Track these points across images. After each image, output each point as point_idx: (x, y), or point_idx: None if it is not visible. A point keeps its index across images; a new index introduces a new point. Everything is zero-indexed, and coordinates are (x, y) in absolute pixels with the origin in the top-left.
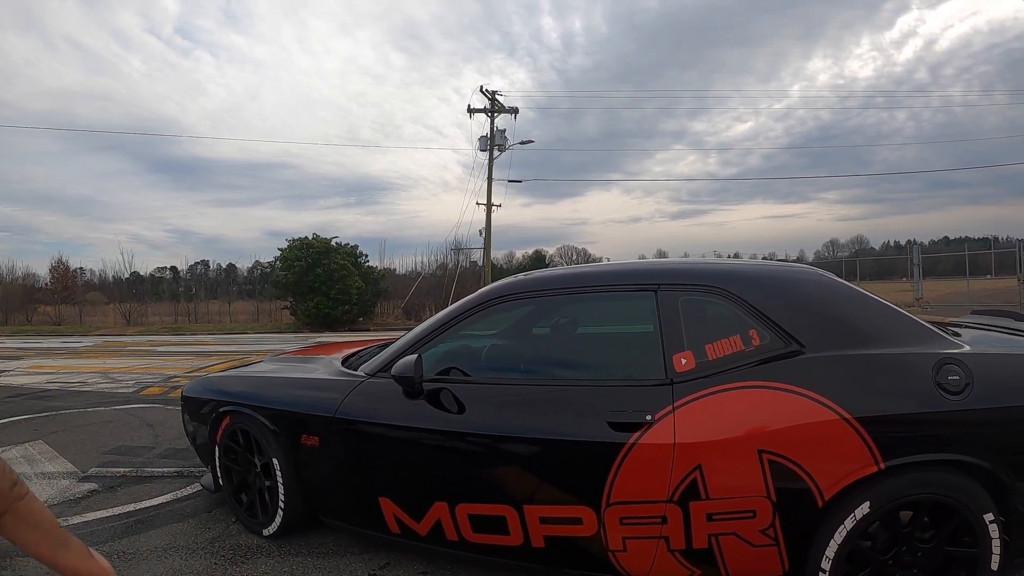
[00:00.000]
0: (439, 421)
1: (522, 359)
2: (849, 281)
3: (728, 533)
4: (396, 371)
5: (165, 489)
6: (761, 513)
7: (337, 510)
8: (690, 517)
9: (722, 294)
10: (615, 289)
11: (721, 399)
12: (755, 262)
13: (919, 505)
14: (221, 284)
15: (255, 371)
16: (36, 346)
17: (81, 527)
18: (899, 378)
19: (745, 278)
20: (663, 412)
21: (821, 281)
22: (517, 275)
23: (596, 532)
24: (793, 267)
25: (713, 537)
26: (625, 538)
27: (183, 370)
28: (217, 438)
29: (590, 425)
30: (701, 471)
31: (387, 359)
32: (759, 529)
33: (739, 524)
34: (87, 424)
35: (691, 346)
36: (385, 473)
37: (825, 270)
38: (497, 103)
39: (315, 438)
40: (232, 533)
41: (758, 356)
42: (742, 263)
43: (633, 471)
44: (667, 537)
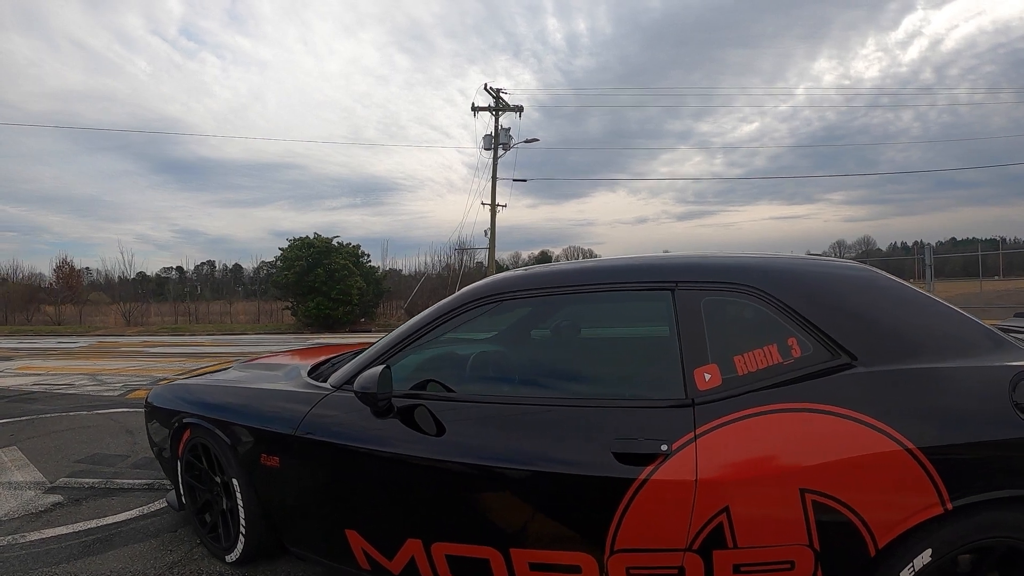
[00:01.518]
0: (413, 444)
1: (514, 371)
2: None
3: None
4: (359, 385)
5: (132, 503)
6: (801, 565)
7: (302, 539)
8: (713, 569)
9: (755, 294)
10: (625, 288)
11: (753, 424)
12: (793, 257)
13: (987, 551)
14: (227, 284)
15: (219, 379)
16: (30, 346)
17: (37, 544)
18: (971, 398)
19: (783, 275)
20: (682, 441)
21: (874, 280)
22: (510, 271)
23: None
24: (839, 263)
25: None
26: None
27: (174, 372)
28: (179, 452)
29: (593, 455)
30: (728, 514)
31: (353, 370)
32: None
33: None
34: (65, 429)
35: (716, 358)
36: (352, 502)
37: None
38: (501, 101)
39: (275, 457)
40: (195, 557)
41: (799, 371)
42: (777, 257)
43: (644, 513)
44: None
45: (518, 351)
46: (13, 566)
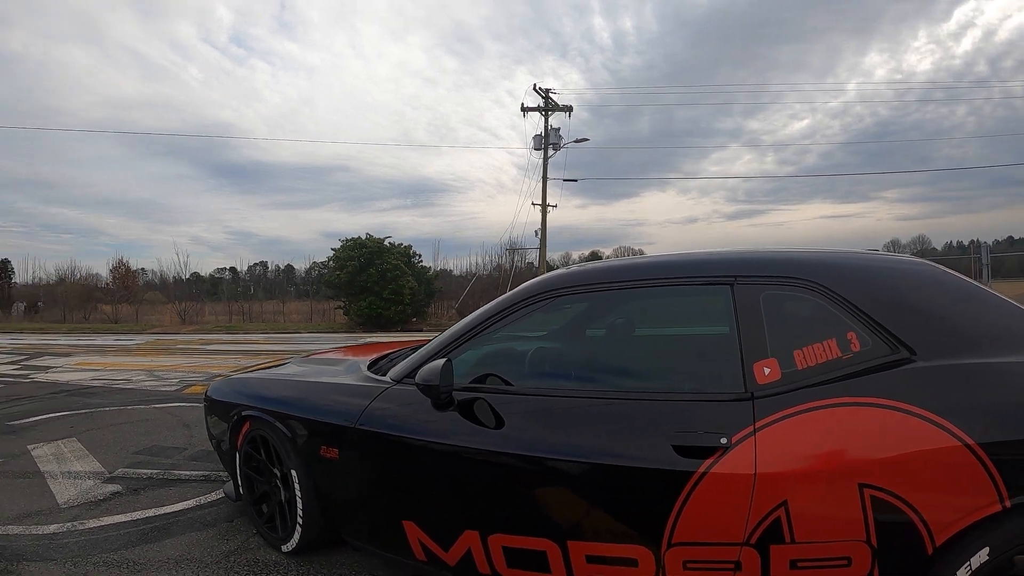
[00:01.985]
0: (472, 437)
1: (572, 365)
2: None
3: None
4: (420, 378)
5: (189, 494)
6: (858, 561)
7: (359, 530)
8: (770, 564)
9: (814, 288)
10: (683, 283)
11: (813, 418)
12: (851, 251)
13: None
14: (279, 284)
15: (277, 373)
16: (89, 343)
17: (97, 532)
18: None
19: (842, 269)
20: (742, 434)
21: (934, 274)
22: (567, 267)
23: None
24: (898, 258)
25: None
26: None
27: (229, 369)
28: (238, 444)
29: (652, 448)
30: (787, 508)
31: (414, 363)
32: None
33: (830, 573)
34: (124, 423)
35: (776, 352)
36: (410, 493)
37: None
38: (551, 101)
39: (335, 449)
40: (251, 547)
41: (858, 365)
42: (836, 252)
43: (703, 506)
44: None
45: (575, 346)
46: (73, 551)
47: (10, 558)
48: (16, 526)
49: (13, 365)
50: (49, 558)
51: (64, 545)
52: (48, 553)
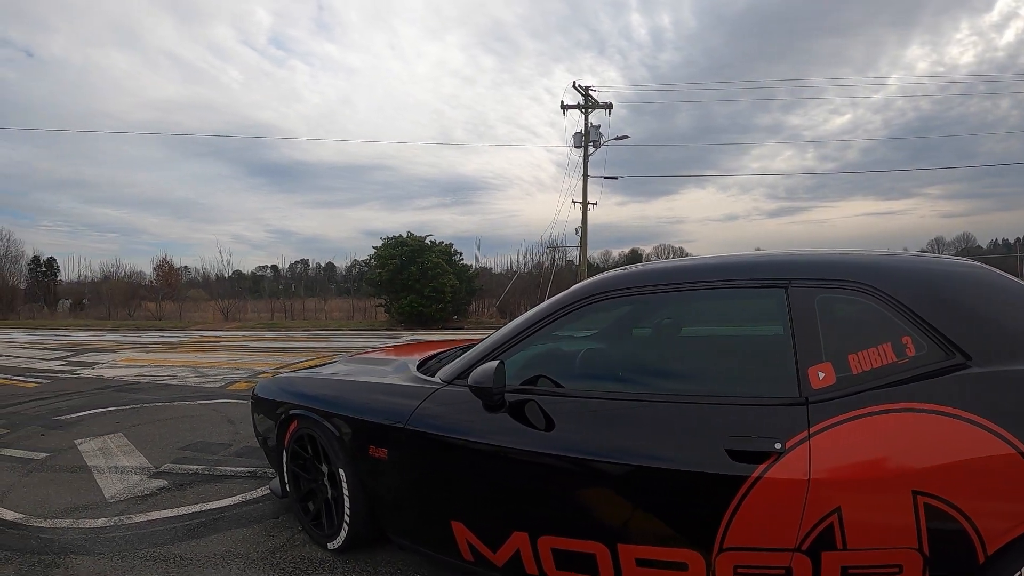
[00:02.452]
0: (523, 439)
1: (623, 367)
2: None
3: None
4: (473, 380)
5: (235, 490)
6: (909, 568)
7: (406, 529)
8: (821, 570)
9: (869, 292)
10: (735, 284)
11: (867, 424)
12: (906, 254)
13: None
14: (320, 282)
15: (325, 372)
16: (133, 340)
17: (143, 526)
18: None
19: (897, 273)
20: (796, 439)
21: (989, 278)
22: (618, 269)
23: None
24: (953, 260)
25: None
26: None
27: (272, 366)
28: (285, 442)
29: (705, 452)
30: (840, 514)
31: (466, 364)
32: None
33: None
34: (169, 418)
35: (830, 356)
36: (459, 494)
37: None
38: (591, 98)
39: (383, 449)
40: (296, 543)
41: (913, 370)
42: (890, 254)
43: (755, 511)
44: None
45: (625, 348)
46: (120, 546)
47: (58, 551)
48: (64, 519)
49: (60, 361)
50: (96, 552)
51: (111, 539)
52: (95, 547)
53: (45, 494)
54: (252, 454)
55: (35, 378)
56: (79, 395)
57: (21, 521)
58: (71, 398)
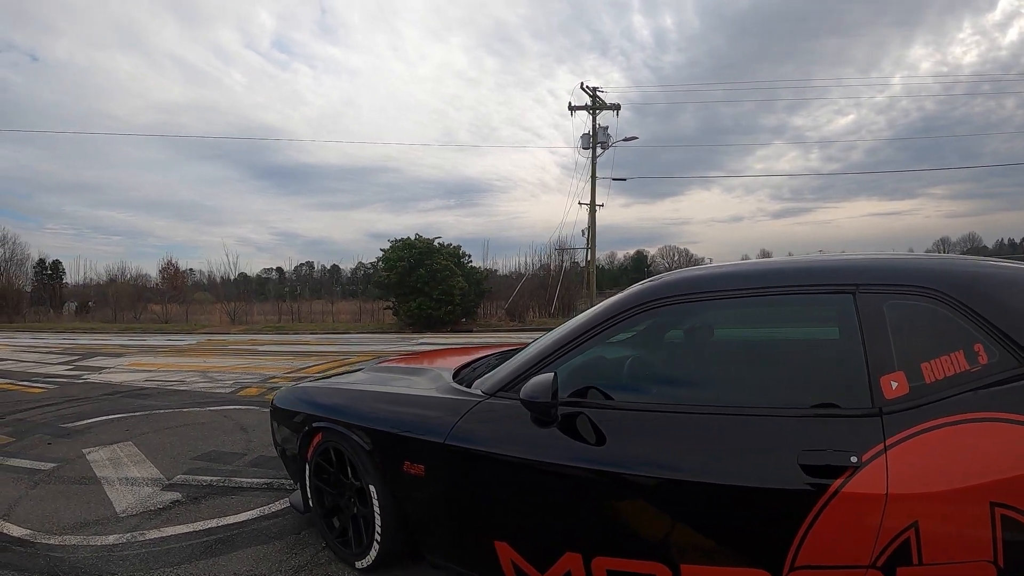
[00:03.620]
0: (575, 455)
1: (679, 378)
2: None
3: None
4: (527, 393)
5: (252, 503)
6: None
7: (444, 549)
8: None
9: (938, 298)
10: (804, 291)
11: (944, 435)
12: (973, 258)
13: None
14: (325, 284)
15: (352, 382)
16: (140, 343)
17: (158, 543)
18: None
19: (966, 278)
20: (872, 452)
21: None
22: (676, 272)
23: None
24: (1020, 265)
25: None
26: None
27: (282, 370)
28: (308, 455)
29: (776, 467)
30: (917, 529)
31: (511, 375)
32: None
33: None
34: (180, 426)
35: (903, 365)
36: (505, 513)
37: None
38: (598, 100)
39: (420, 466)
40: (321, 562)
41: (986, 378)
42: (958, 259)
43: (830, 528)
44: None
45: (682, 358)
46: (134, 564)
47: (67, 571)
48: (74, 536)
49: (67, 365)
50: (109, 572)
51: (124, 557)
52: (107, 566)
53: (53, 508)
54: (268, 464)
55: (41, 383)
56: (86, 401)
57: (28, 537)
58: (78, 404)
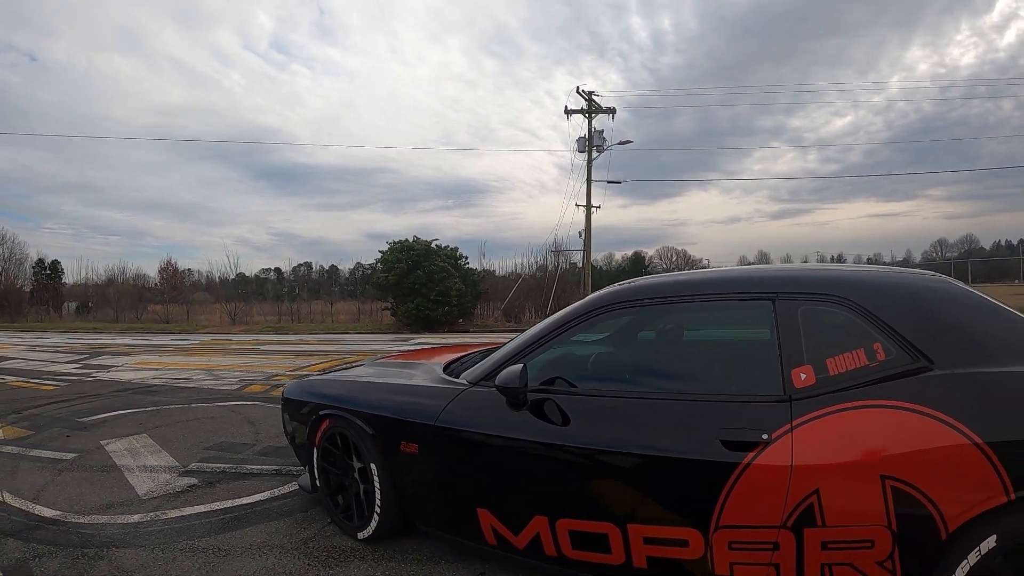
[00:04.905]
0: (543, 433)
1: (630, 370)
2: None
3: (843, 563)
4: (500, 381)
5: (263, 487)
6: (880, 543)
7: (433, 517)
8: (804, 545)
9: (845, 304)
10: (730, 297)
11: (843, 418)
12: (879, 269)
13: None
14: (323, 285)
15: (355, 375)
16: (145, 343)
17: (179, 521)
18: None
19: (870, 287)
20: (780, 431)
21: (951, 291)
22: (624, 282)
23: (703, 556)
24: (921, 275)
25: (827, 567)
26: (733, 564)
27: (285, 369)
28: (316, 440)
29: (702, 442)
30: (819, 496)
31: (490, 367)
32: (876, 561)
33: (856, 554)
34: (190, 420)
35: (811, 360)
36: (484, 483)
37: (954, 278)
38: (594, 104)
39: (414, 445)
40: (327, 534)
41: (883, 372)
42: (864, 270)
43: (746, 493)
44: (777, 565)
45: (633, 354)
46: (159, 539)
47: (99, 545)
48: (101, 516)
49: (75, 364)
50: (137, 545)
51: (150, 533)
52: (135, 540)
53: (79, 492)
54: (276, 453)
55: (52, 381)
56: (98, 397)
57: (59, 518)
58: (90, 400)
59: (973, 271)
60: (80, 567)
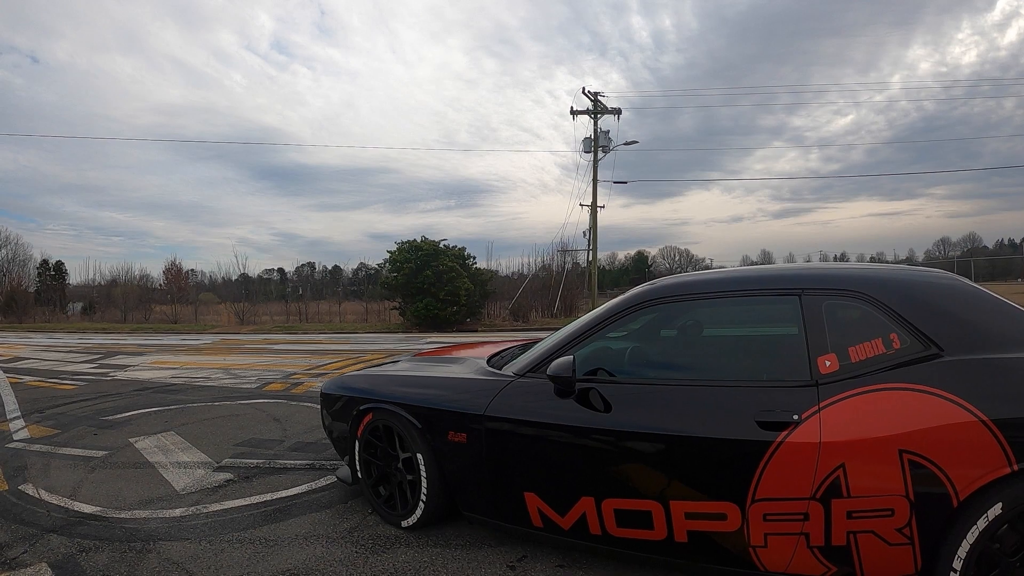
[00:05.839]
0: (589, 419)
1: (665, 360)
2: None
3: (866, 531)
4: (552, 371)
5: (299, 480)
6: (899, 512)
7: (479, 504)
8: (831, 514)
9: (864, 299)
10: (760, 293)
11: (864, 400)
12: (894, 267)
13: None
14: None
15: (397, 370)
16: (157, 343)
17: (221, 514)
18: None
19: (886, 283)
20: (809, 412)
21: (959, 286)
22: (657, 280)
23: (739, 528)
24: (932, 272)
25: (851, 535)
26: (767, 534)
27: (302, 368)
28: (358, 433)
29: (738, 424)
30: (844, 470)
31: (536, 360)
32: (896, 528)
33: (877, 522)
34: (215, 417)
35: (835, 349)
36: (533, 469)
37: (961, 276)
38: (600, 104)
39: (462, 435)
40: (369, 524)
41: (899, 359)
42: (882, 268)
43: (779, 469)
44: (807, 534)
45: (670, 345)
46: (203, 532)
47: (145, 538)
48: (142, 510)
49: (91, 364)
50: (183, 537)
51: (194, 526)
52: (181, 533)
53: (116, 488)
54: (307, 448)
55: (70, 380)
56: (119, 396)
57: (100, 513)
58: (112, 399)
59: (976, 270)
60: (130, 560)
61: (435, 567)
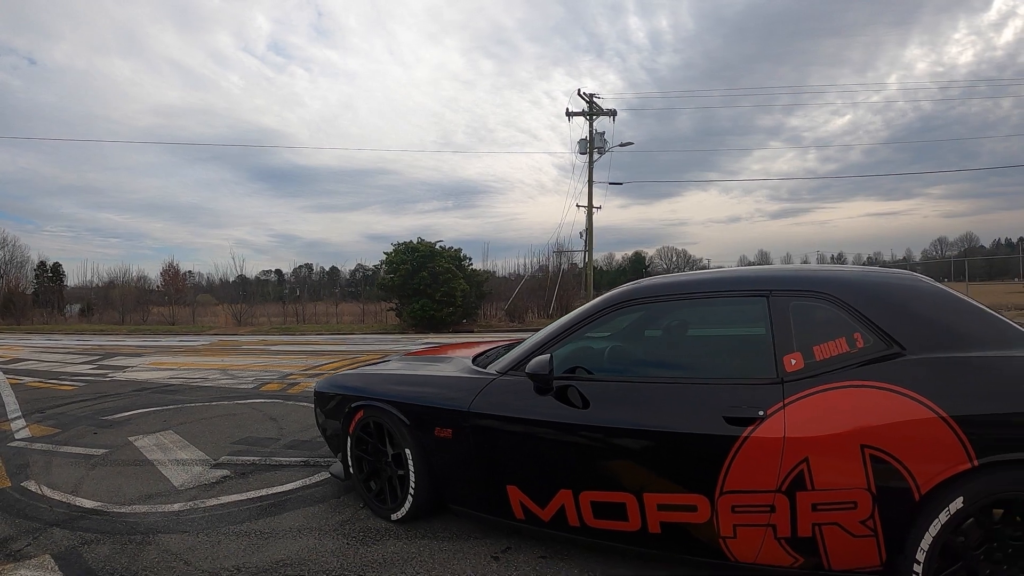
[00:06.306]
0: (567, 415)
1: (641, 359)
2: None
3: (831, 523)
4: (530, 369)
5: (294, 477)
6: (862, 505)
7: (465, 497)
8: (796, 507)
9: (829, 299)
10: (730, 294)
11: (828, 397)
12: (859, 268)
13: (1012, 503)
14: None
15: (388, 369)
16: (155, 344)
17: (218, 509)
18: (993, 379)
19: (850, 284)
20: (774, 408)
21: (921, 287)
22: (634, 282)
23: (709, 519)
24: (895, 273)
25: (817, 526)
26: (736, 525)
27: (299, 368)
28: (350, 430)
29: (707, 419)
30: (808, 464)
31: (517, 358)
32: (859, 520)
33: (841, 515)
34: (213, 417)
35: (800, 348)
36: (514, 463)
37: (924, 275)
38: (595, 106)
39: (448, 430)
40: (361, 517)
41: (862, 357)
42: (847, 269)
43: (745, 462)
44: (774, 525)
45: (644, 345)
46: (201, 525)
47: (145, 532)
48: (142, 505)
49: (90, 365)
50: (182, 530)
51: (192, 520)
52: (179, 527)
53: (116, 484)
54: (301, 446)
55: (69, 381)
56: (118, 397)
57: (101, 508)
58: (111, 400)
59: (973, 270)
60: (130, 552)
61: (422, 558)
